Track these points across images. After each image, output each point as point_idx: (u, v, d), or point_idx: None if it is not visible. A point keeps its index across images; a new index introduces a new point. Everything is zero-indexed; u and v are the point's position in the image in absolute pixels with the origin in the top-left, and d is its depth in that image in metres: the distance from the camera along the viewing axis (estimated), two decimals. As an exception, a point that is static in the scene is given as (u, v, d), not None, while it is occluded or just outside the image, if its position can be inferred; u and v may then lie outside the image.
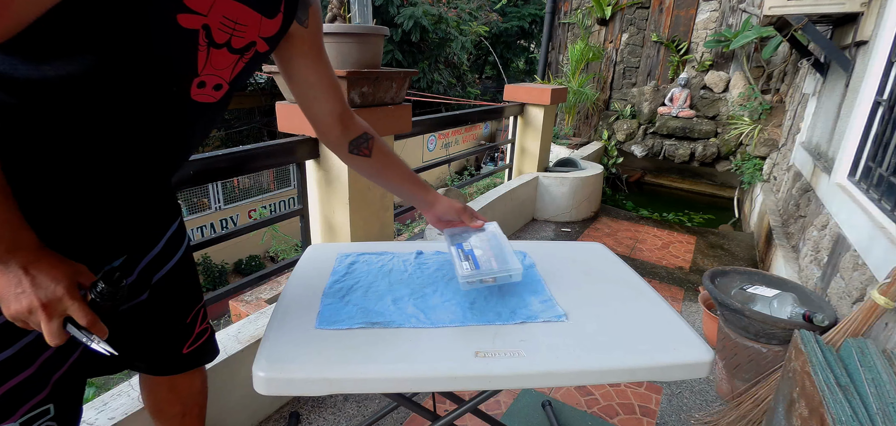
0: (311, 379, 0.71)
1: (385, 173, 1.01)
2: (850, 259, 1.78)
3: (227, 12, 0.60)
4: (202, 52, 0.61)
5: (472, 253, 0.95)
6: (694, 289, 2.69)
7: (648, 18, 5.68)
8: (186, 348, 0.93)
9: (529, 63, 15.56)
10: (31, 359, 0.63)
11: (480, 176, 4.62)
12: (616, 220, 3.92)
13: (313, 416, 1.56)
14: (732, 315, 1.64)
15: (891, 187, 1.78)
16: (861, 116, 2.24)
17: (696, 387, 1.82)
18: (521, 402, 1.67)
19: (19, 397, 0.63)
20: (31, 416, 0.64)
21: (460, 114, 3.01)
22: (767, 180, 4.48)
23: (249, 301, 3.09)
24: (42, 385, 0.65)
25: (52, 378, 0.67)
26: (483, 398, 0.95)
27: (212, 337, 1.01)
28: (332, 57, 1.64)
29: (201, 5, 0.57)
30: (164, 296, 0.85)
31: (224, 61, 0.64)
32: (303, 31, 0.80)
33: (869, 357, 1.12)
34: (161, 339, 0.89)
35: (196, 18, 0.57)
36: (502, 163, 4.23)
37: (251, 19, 0.64)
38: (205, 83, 0.64)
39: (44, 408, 0.66)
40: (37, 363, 0.63)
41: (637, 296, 0.97)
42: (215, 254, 7.60)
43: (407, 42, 10.99)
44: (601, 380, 0.79)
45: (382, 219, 2.02)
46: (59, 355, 0.67)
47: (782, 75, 4.87)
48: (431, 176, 10.56)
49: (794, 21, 2.87)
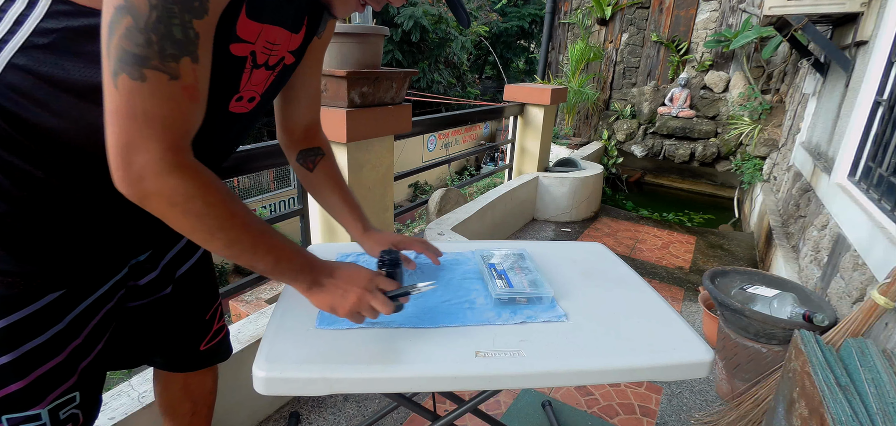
0: (311, 379, 0.71)
1: (321, 192, 1.00)
2: (850, 259, 1.78)
3: (270, 37, 0.64)
4: (246, 73, 0.65)
5: (504, 273, 0.99)
6: (694, 289, 2.69)
7: (648, 18, 5.68)
8: (203, 345, 0.94)
9: (529, 63, 15.56)
10: (62, 346, 0.65)
11: (480, 176, 4.62)
12: (616, 220, 3.92)
13: (313, 416, 1.56)
14: (732, 315, 1.64)
15: (891, 187, 1.78)
16: (861, 116, 2.24)
17: (696, 387, 1.82)
18: (521, 402, 1.67)
19: (50, 383, 0.65)
20: (59, 402, 0.67)
21: (460, 114, 3.01)
22: (767, 180, 4.48)
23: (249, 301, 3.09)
24: (70, 372, 0.67)
25: (79, 366, 0.69)
26: (483, 398, 0.95)
27: (227, 336, 1.03)
28: (332, 57, 1.64)
29: (251, 35, 0.60)
30: (186, 290, 0.87)
31: (260, 77, 0.68)
32: (315, 40, 0.82)
33: (869, 357, 1.12)
34: (181, 334, 0.90)
35: (246, 47, 0.61)
36: (502, 163, 4.24)
37: (283, 37, 0.67)
38: (242, 97, 0.68)
39: (71, 394, 0.68)
40: (67, 351, 0.66)
41: (637, 297, 0.97)
42: (215, 254, 7.60)
43: (407, 42, 10.99)
44: (601, 380, 0.79)
45: (382, 220, 2.02)
46: (87, 344, 0.69)
47: (782, 75, 4.87)
48: (431, 176, 10.57)
49: (794, 21, 2.87)
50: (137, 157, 0.52)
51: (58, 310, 0.64)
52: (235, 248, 0.63)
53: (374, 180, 1.90)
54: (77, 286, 0.66)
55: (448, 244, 1.18)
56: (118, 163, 0.52)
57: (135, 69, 0.49)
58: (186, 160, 0.56)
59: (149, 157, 0.52)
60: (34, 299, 0.61)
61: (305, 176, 0.98)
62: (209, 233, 0.60)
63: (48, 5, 0.52)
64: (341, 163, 1.76)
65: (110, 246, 0.69)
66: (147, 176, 0.53)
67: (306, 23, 0.71)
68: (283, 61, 0.71)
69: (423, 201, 3.44)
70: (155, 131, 0.52)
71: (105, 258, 0.69)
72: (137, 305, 0.81)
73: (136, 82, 0.49)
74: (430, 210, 3.54)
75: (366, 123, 1.72)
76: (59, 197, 0.60)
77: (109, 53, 0.49)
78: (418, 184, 10.54)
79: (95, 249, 0.66)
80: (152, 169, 0.53)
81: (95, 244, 0.66)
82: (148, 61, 0.49)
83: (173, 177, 0.54)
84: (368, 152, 1.83)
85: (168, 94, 0.51)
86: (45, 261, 0.61)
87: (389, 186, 2.01)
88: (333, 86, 1.62)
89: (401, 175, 2.42)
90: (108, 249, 0.68)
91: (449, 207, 3.42)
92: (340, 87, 1.61)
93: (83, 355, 0.69)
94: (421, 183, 10.55)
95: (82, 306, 0.67)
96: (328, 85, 1.63)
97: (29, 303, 0.61)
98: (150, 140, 0.52)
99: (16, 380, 0.61)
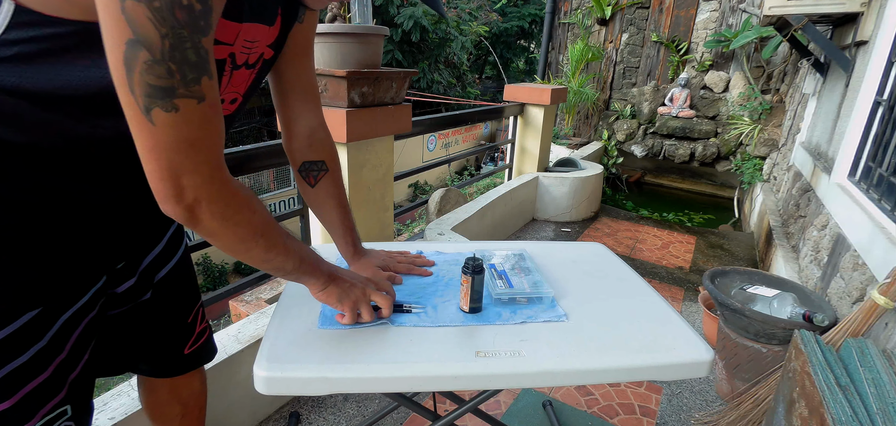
0: (311, 378, 0.71)
1: (320, 208, 0.98)
2: (850, 259, 1.78)
3: (247, 35, 0.63)
4: (226, 75, 0.65)
5: (504, 273, 0.99)
6: (694, 289, 2.69)
7: (648, 18, 5.68)
8: (188, 348, 0.93)
9: (529, 63, 15.57)
10: (46, 363, 0.65)
11: (480, 176, 4.62)
12: (616, 220, 3.92)
13: (313, 416, 1.56)
14: (732, 315, 1.64)
15: (891, 187, 1.78)
16: (861, 116, 2.24)
17: (696, 387, 1.82)
18: (522, 402, 1.67)
19: (38, 400, 0.64)
20: (50, 417, 0.66)
21: (460, 114, 3.01)
22: (767, 180, 4.48)
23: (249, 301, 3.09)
24: (59, 387, 0.67)
25: (67, 379, 0.68)
26: (483, 398, 0.95)
27: (211, 336, 1.01)
28: (332, 57, 1.64)
29: (229, 36, 0.60)
30: (166, 294, 0.86)
31: (241, 78, 0.68)
32: (297, 28, 0.80)
33: (869, 357, 1.12)
34: (164, 339, 0.89)
35: (225, 49, 0.61)
36: (502, 163, 4.24)
37: (261, 33, 0.66)
38: (223, 99, 0.68)
39: (62, 408, 0.68)
40: (51, 367, 0.65)
41: (637, 296, 0.97)
42: (215, 255, 7.60)
43: (407, 42, 11.00)
44: (601, 380, 0.79)
45: (382, 220, 2.02)
46: (72, 358, 0.69)
47: (782, 75, 4.87)
48: (431, 176, 10.58)
49: (794, 21, 2.87)
50: (189, 184, 0.54)
51: (36, 328, 0.63)
52: (271, 253, 0.66)
53: (374, 180, 1.90)
54: (53, 302, 0.64)
55: (448, 244, 1.18)
56: (169, 194, 0.54)
57: (166, 102, 0.49)
58: (228, 175, 0.59)
59: (200, 181, 0.55)
60: (10, 320, 0.60)
61: (306, 189, 0.95)
62: (253, 240, 0.63)
63: (10, 17, 0.50)
64: (341, 163, 1.76)
65: (85, 257, 0.67)
66: (201, 200, 0.56)
67: (281, 13, 0.70)
68: (263, 57, 0.70)
69: (423, 201, 3.44)
70: (200, 155, 0.54)
71: (81, 270, 0.68)
72: (118, 313, 0.79)
73: (170, 114, 0.50)
74: (430, 210, 3.54)
75: (366, 123, 1.72)
76: (27, 214, 0.58)
77: (134, 91, 0.48)
78: (418, 184, 10.55)
79: (70, 262, 0.65)
80: (205, 193, 0.55)
81: (69, 257, 0.65)
82: (175, 91, 0.50)
83: (224, 194, 0.58)
84: (368, 152, 1.83)
85: (200, 116, 0.53)
86: (17, 280, 0.60)
87: (389, 186, 2.01)
88: (333, 86, 1.62)
89: (401, 175, 2.42)
90: (83, 261, 0.67)
91: (449, 207, 3.42)
92: (340, 87, 1.61)
93: (69, 369, 0.68)
94: (421, 183, 10.56)
95: (61, 320, 0.66)
96: (328, 85, 1.63)
97: (5, 325, 0.60)
98: (199, 164, 0.54)
99: (4, 400, 0.61)
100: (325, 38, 1.62)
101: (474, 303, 0.86)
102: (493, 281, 0.95)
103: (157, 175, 0.53)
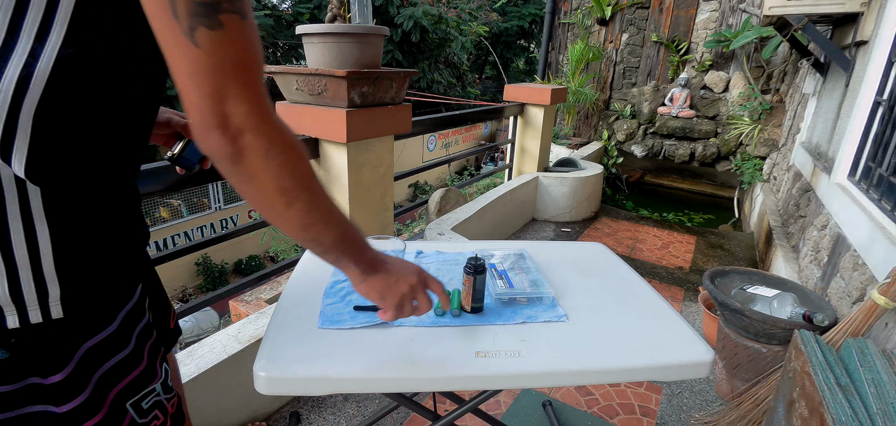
0: (311, 378, 0.71)
1: None
2: (850, 259, 1.78)
3: None
4: None
5: (505, 273, 0.98)
6: (694, 289, 2.69)
7: (648, 18, 5.68)
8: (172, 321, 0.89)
9: (529, 63, 15.57)
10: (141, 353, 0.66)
11: (480, 176, 4.62)
12: (616, 220, 3.92)
13: (313, 416, 1.56)
14: (732, 315, 1.64)
15: (891, 187, 1.78)
16: (861, 116, 2.24)
17: (696, 387, 1.82)
18: (522, 402, 1.67)
19: (155, 356, 0.66)
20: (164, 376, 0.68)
21: (460, 114, 3.01)
22: (767, 180, 4.48)
23: (249, 301, 3.09)
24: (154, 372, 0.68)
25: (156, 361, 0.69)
26: (483, 398, 0.95)
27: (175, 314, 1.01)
28: (332, 57, 1.64)
29: None
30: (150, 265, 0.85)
31: None
32: None
33: (869, 357, 1.12)
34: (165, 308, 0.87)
35: None
36: (502, 163, 4.24)
37: None
38: None
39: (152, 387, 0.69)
40: (145, 355, 0.66)
41: (637, 296, 0.97)
42: (215, 255, 7.60)
43: (407, 42, 11.00)
44: (601, 380, 0.79)
45: (382, 219, 2.02)
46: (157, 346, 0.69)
47: (782, 75, 4.87)
48: (431, 176, 10.57)
49: (794, 21, 2.87)
50: (234, 109, 0.49)
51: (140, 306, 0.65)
52: (313, 215, 0.58)
53: (374, 180, 1.90)
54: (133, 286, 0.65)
55: (448, 244, 1.18)
56: (213, 124, 0.49)
57: (212, 19, 0.46)
58: (273, 108, 0.52)
59: (247, 109, 0.50)
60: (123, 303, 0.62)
61: None
62: (294, 192, 0.55)
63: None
64: (341, 163, 1.76)
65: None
66: (246, 130, 0.50)
67: None
68: None
69: (423, 201, 3.44)
70: (246, 77, 0.50)
71: None
72: None
73: (216, 32, 0.47)
74: (429, 210, 3.54)
75: (366, 123, 1.72)
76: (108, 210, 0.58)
77: (178, 14, 0.46)
78: (418, 184, 10.55)
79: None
80: (251, 123, 0.50)
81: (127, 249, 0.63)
82: (220, 6, 0.47)
83: (268, 128, 0.51)
84: (368, 152, 1.83)
85: (245, 34, 0.49)
86: (119, 270, 0.61)
87: (389, 186, 2.01)
88: (333, 86, 1.62)
89: (401, 175, 2.42)
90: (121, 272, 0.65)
91: (449, 207, 3.42)
92: (340, 87, 1.61)
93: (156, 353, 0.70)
94: (421, 183, 10.55)
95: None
96: (328, 85, 1.63)
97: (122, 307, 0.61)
98: (244, 87, 0.49)
99: (137, 364, 0.63)
100: (325, 38, 1.62)
101: (476, 302, 0.86)
102: (493, 280, 0.95)
103: (196, 103, 0.49)
